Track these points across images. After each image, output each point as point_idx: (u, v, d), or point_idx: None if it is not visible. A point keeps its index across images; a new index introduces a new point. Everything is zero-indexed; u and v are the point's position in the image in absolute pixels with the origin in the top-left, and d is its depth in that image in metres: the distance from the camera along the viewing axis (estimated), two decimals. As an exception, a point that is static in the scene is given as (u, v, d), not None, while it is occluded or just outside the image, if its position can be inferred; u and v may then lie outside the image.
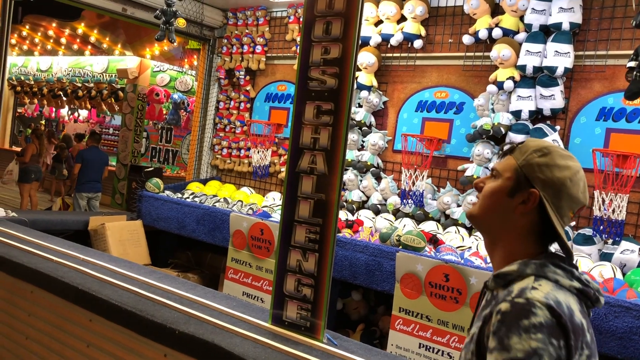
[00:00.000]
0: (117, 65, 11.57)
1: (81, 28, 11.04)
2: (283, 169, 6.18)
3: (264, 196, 6.22)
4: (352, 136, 5.61)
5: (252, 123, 6.49)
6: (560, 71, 4.43)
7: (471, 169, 4.94)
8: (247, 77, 6.80)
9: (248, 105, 6.87)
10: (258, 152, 6.16)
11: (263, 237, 4.77)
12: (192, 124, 7.39)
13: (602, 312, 3.22)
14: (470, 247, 4.49)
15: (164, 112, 11.56)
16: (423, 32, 5.35)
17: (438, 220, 5.15)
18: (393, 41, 5.43)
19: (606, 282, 3.70)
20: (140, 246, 5.70)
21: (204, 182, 6.69)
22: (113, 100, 12.22)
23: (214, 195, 5.98)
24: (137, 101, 11.09)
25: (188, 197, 5.90)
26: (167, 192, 6.04)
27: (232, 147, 6.93)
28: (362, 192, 5.62)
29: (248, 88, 6.81)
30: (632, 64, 3.39)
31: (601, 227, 4.13)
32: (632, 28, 4.26)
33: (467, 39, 4.99)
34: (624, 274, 3.98)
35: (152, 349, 2.70)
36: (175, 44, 5.74)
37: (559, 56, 4.43)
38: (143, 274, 3.39)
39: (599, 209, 4.12)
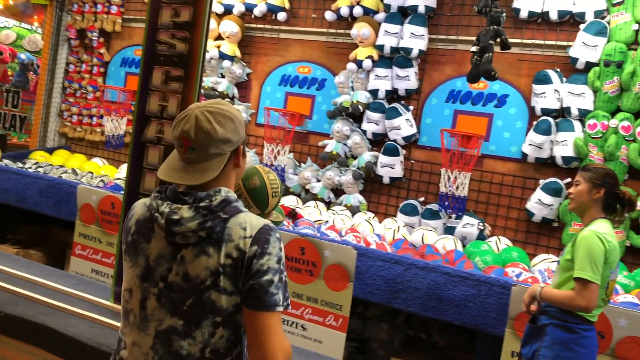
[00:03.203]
0: (-50, 18, 10.23)
1: None
2: (140, 139, 5.85)
3: (117, 168, 5.87)
4: (214, 107, 5.44)
5: (105, 89, 6.06)
6: (415, 53, 4.61)
7: (331, 145, 5.02)
8: (101, 39, 6.33)
9: (102, 70, 6.40)
10: (112, 120, 5.78)
11: (114, 212, 4.49)
12: (38, 87, 6.76)
13: (442, 281, 3.43)
14: (327, 221, 4.58)
15: (9, 73, 10.44)
16: (287, 5, 5.29)
17: (299, 195, 5.19)
18: (257, 12, 5.32)
19: (448, 254, 3.96)
20: (-28, 220, 5.12)
21: (50, 151, 6.18)
22: (-53, 57, 10.81)
23: (61, 166, 5.54)
24: (-24, 60, 9.90)
25: (30, 167, 5.41)
26: (6, 161, 5.50)
27: (83, 114, 6.44)
28: (223, 165, 5.49)
29: (102, 51, 6.34)
30: (475, 48, 3.59)
31: (446, 203, 4.40)
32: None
33: (329, 15, 5.02)
34: (464, 246, 4.29)
35: (-27, 334, 2.43)
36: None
37: (414, 38, 4.60)
38: (-33, 251, 3.04)
39: (445, 186, 4.38)
